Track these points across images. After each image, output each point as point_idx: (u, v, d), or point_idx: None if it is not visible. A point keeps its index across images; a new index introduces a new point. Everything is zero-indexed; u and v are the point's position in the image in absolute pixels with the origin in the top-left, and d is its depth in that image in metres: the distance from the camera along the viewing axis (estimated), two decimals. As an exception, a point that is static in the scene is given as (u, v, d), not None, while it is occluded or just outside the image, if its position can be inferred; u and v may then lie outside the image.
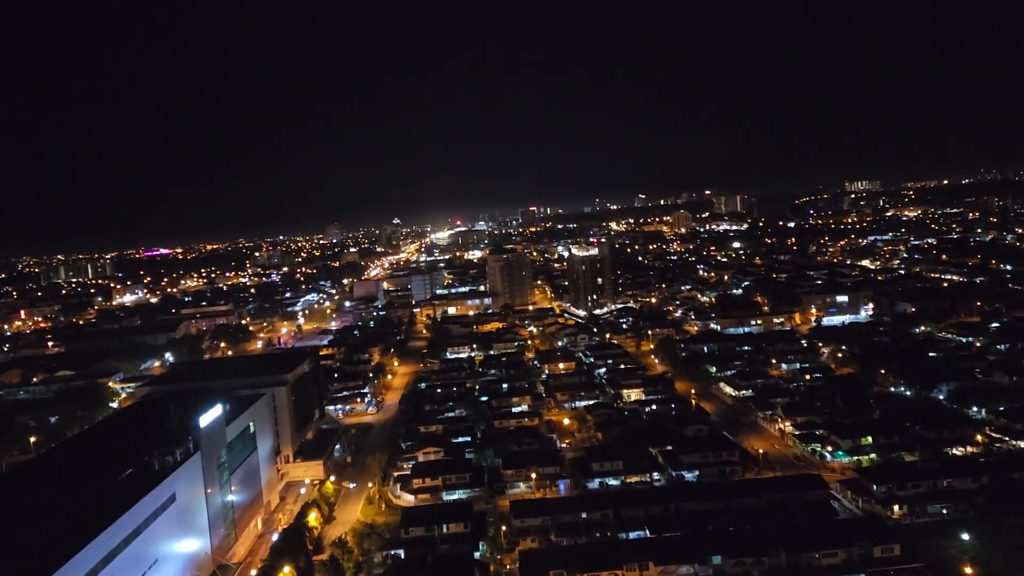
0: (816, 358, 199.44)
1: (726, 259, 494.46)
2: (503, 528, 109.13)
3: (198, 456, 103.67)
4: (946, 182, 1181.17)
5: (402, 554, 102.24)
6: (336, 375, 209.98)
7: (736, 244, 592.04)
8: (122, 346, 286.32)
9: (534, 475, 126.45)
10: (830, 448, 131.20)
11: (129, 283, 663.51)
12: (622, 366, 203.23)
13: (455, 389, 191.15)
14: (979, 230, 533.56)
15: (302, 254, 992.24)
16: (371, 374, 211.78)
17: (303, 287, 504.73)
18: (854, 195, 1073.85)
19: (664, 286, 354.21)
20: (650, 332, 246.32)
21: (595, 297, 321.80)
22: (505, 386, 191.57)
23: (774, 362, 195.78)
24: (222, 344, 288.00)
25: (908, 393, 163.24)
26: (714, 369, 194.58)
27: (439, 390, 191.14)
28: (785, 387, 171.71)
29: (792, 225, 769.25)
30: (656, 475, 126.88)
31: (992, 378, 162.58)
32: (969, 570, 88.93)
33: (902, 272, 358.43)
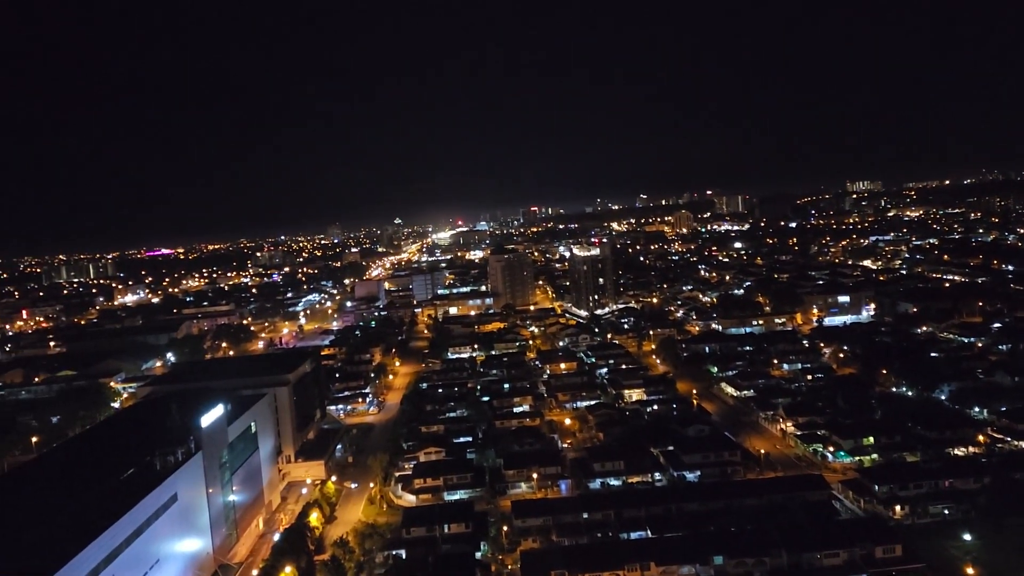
0: (818, 358, 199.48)
1: (727, 259, 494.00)
2: (504, 528, 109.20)
3: (199, 456, 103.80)
4: (948, 182, 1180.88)
5: (403, 554, 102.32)
6: (337, 375, 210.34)
7: (738, 244, 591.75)
8: (124, 346, 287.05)
9: (535, 475, 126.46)
10: (831, 448, 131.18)
11: (131, 283, 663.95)
12: (623, 366, 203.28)
13: (456, 389, 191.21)
14: (981, 230, 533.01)
15: (303, 254, 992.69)
16: (372, 374, 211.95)
17: (304, 287, 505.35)
18: (855, 195, 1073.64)
19: (665, 286, 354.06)
20: (651, 332, 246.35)
21: (596, 297, 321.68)
22: (506, 386, 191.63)
23: (775, 362, 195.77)
24: (223, 344, 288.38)
25: (910, 393, 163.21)
26: (715, 369, 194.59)
27: (440, 390, 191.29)
28: (786, 387, 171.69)
29: (794, 225, 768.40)
30: (657, 475, 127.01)
31: (994, 378, 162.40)
32: (971, 570, 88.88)
33: (904, 272, 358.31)
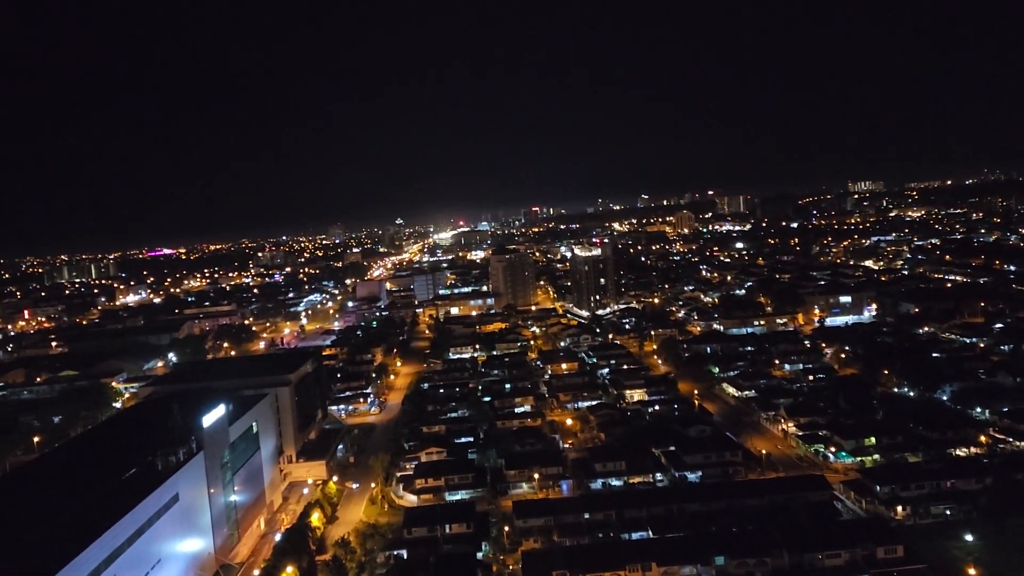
0: (819, 359, 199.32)
1: (729, 259, 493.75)
2: (506, 528, 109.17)
3: (201, 456, 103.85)
4: (949, 182, 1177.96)
5: (405, 554, 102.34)
6: (339, 375, 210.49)
7: (739, 244, 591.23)
8: (125, 346, 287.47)
9: (537, 475, 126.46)
10: (833, 449, 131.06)
11: (132, 283, 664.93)
12: (625, 367, 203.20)
13: (458, 389, 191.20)
14: (983, 231, 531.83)
15: (305, 254, 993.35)
16: (374, 374, 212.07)
17: (306, 287, 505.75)
18: (857, 195, 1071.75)
19: (667, 286, 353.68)
20: (653, 333, 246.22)
21: (598, 297, 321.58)
22: (508, 386, 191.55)
23: (777, 363, 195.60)
24: (225, 344, 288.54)
25: (911, 394, 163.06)
26: (717, 370, 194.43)
27: (442, 390, 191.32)
28: (788, 388, 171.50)
29: (795, 225, 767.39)
30: (659, 476, 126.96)
31: (996, 379, 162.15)
32: (973, 571, 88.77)
33: (905, 273, 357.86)
